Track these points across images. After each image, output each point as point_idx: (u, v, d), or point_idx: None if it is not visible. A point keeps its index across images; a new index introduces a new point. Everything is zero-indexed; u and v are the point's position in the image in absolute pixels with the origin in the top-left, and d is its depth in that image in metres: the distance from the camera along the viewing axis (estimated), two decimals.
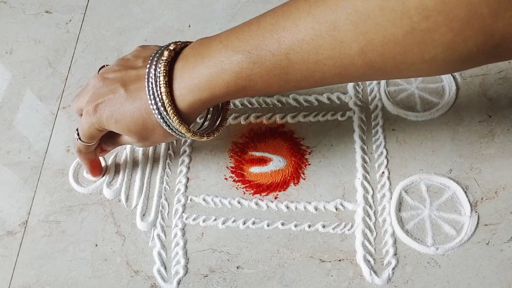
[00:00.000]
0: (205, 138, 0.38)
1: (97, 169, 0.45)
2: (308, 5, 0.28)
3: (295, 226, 0.41)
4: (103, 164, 0.47)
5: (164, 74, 0.33)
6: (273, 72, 0.29)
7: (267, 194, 0.43)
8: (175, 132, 0.36)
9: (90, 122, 0.36)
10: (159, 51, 0.35)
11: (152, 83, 0.34)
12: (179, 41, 0.36)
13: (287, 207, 0.42)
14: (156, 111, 0.34)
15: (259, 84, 0.31)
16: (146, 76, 0.34)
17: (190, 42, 0.36)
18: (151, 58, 0.35)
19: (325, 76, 0.28)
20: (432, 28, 0.23)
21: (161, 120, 0.34)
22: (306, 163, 0.43)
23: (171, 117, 0.34)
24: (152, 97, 0.34)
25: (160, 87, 0.33)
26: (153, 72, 0.34)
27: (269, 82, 0.30)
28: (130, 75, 0.36)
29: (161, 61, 0.34)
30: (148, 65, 0.34)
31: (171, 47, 0.35)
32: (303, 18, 0.28)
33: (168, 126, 0.35)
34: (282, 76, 0.29)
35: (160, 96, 0.33)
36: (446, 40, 0.23)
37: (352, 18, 0.25)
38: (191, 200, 0.44)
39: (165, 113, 0.34)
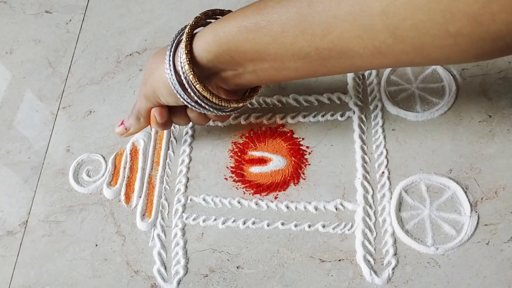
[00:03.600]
0: (228, 104, 0.35)
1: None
2: None
3: (295, 226, 0.41)
4: (103, 164, 0.47)
5: (185, 40, 0.33)
6: (292, 15, 0.27)
7: (267, 194, 0.43)
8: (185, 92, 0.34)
9: (139, 98, 0.39)
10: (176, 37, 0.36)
11: (171, 46, 0.34)
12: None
13: (287, 207, 0.42)
14: (169, 69, 0.33)
15: (273, 29, 0.28)
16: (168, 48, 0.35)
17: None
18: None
19: (343, 35, 0.26)
20: None
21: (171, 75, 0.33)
22: (306, 163, 0.43)
23: (187, 70, 0.32)
24: (169, 56, 0.33)
25: (179, 50, 0.33)
26: (171, 43, 0.34)
27: (285, 27, 0.28)
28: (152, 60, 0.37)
29: (179, 37, 0.35)
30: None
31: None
32: None
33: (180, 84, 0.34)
34: (300, 24, 0.27)
35: (179, 56, 0.33)
36: (471, 12, 0.21)
37: None
38: (191, 200, 0.44)
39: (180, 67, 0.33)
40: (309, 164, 0.43)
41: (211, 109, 0.35)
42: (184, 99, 0.34)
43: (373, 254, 0.39)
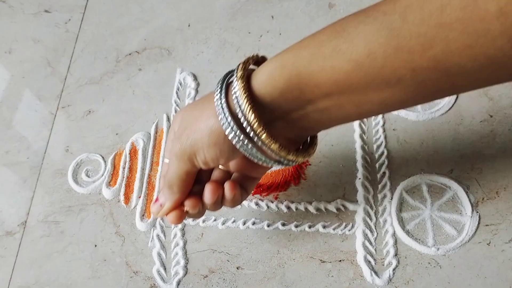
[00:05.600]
0: (295, 157, 0.29)
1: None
2: None
3: (296, 226, 0.40)
4: (102, 164, 0.47)
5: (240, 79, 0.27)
6: (381, 33, 0.22)
7: (267, 194, 0.43)
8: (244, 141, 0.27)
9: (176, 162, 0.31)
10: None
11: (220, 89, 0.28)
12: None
13: (288, 208, 0.41)
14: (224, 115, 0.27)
15: (357, 52, 0.23)
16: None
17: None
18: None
19: (449, 48, 0.21)
20: None
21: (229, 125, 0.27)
22: (306, 163, 0.43)
23: (250, 116, 0.26)
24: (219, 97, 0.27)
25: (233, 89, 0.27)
26: (219, 87, 0.28)
27: (372, 48, 0.23)
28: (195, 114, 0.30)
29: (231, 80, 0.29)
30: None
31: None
32: None
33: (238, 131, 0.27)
34: (392, 41, 0.22)
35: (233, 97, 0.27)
36: None
37: None
38: None
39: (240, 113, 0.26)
40: (310, 164, 0.43)
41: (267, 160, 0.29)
42: (241, 144, 0.27)
43: (374, 254, 0.38)
